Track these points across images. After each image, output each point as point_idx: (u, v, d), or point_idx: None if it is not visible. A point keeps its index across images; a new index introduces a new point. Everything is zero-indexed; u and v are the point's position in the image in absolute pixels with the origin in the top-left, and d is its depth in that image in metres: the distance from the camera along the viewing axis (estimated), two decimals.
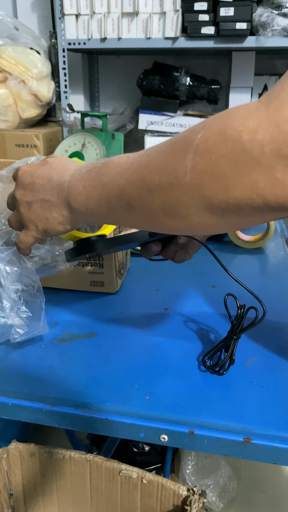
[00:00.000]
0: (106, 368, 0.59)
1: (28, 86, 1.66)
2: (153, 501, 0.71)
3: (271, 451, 0.48)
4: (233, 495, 1.23)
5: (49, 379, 0.57)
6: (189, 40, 1.65)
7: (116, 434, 0.52)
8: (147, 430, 0.51)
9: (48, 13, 2.06)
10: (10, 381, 0.57)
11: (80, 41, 1.73)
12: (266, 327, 0.68)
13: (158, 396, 0.54)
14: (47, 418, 0.53)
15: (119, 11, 1.65)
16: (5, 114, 1.68)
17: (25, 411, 0.54)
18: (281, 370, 0.59)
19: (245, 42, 1.63)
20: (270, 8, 1.57)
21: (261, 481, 1.32)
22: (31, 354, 0.62)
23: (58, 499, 0.80)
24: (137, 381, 0.57)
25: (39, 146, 1.68)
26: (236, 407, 0.52)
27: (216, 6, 1.56)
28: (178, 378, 0.57)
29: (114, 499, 0.74)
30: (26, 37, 1.75)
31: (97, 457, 0.73)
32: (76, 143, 1.68)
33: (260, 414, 0.51)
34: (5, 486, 0.78)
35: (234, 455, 0.49)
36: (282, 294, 0.80)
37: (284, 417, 0.51)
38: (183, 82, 1.83)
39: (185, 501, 0.68)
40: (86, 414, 0.52)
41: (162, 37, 1.66)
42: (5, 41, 1.69)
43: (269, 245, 1.01)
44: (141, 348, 0.63)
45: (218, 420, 0.51)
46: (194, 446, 0.50)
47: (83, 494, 0.77)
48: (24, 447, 0.75)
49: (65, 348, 0.64)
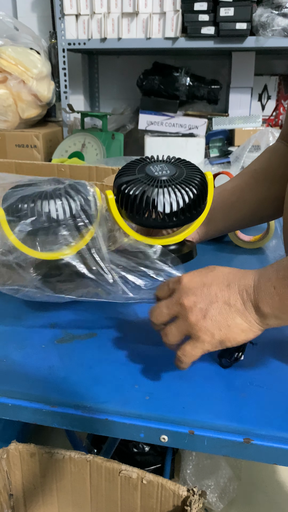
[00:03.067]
0: (106, 368, 0.59)
1: (28, 86, 1.66)
2: (153, 501, 0.71)
3: (271, 451, 0.48)
4: (233, 495, 1.23)
5: (49, 380, 0.57)
6: (189, 40, 1.65)
7: (116, 434, 0.52)
8: (147, 430, 0.51)
9: (48, 13, 2.06)
10: (10, 381, 0.57)
11: (80, 41, 1.73)
12: None
13: (158, 396, 0.54)
14: (47, 419, 0.53)
15: (119, 11, 1.66)
16: (5, 114, 1.68)
17: (25, 411, 0.54)
18: (281, 370, 0.59)
19: (245, 42, 1.63)
20: (270, 8, 1.57)
21: (262, 481, 1.32)
22: (31, 355, 0.62)
23: (58, 499, 0.79)
24: (137, 381, 0.57)
25: (39, 146, 1.68)
26: (236, 408, 0.52)
27: (216, 6, 1.57)
28: (178, 378, 0.57)
29: (114, 499, 0.74)
30: (26, 37, 1.75)
31: (97, 457, 0.73)
32: (76, 143, 1.68)
33: (260, 415, 0.51)
34: (5, 486, 0.78)
35: (234, 455, 0.49)
36: None
37: (284, 418, 0.51)
38: (183, 82, 1.83)
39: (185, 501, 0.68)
40: (86, 415, 0.52)
41: (162, 37, 1.67)
42: (5, 41, 1.69)
43: (269, 245, 1.01)
44: (141, 348, 0.63)
45: (218, 420, 0.50)
46: (194, 446, 0.50)
47: (83, 495, 0.77)
48: (24, 448, 0.75)
49: (65, 348, 0.64)
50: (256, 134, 1.60)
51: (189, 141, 1.77)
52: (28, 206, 0.58)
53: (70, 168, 0.88)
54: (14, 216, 0.58)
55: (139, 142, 1.91)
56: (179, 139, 1.77)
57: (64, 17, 1.71)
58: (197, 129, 1.79)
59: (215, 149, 1.87)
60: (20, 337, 0.66)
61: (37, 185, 0.63)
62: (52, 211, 0.57)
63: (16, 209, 0.58)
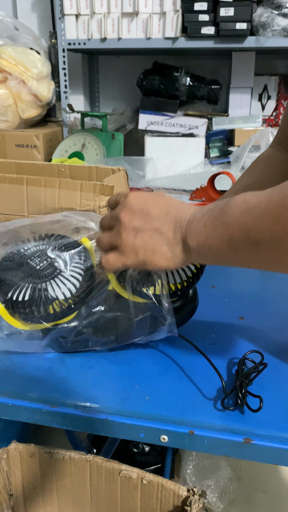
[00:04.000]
0: (106, 368, 0.59)
1: (28, 86, 1.66)
2: (153, 501, 0.71)
3: (271, 451, 0.48)
4: (233, 495, 1.23)
5: (49, 380, 0.57)
6: (189, 40, 1.65)
7: (116, 434, 0.52)
8: (147, 430, 0.51)
9: (48, 13, 2.06)
10: (10, 381, 0.57)
11: (80, 41, 1.73)
12: (266, 328, 0.68)
13: (158, 396, 0.54)
14: (47, 419, 0.53)
15: (119, 11, 1.65)
16: (5, 114, 1.68)
17: (25, 411, 0.54)
18: (281, 370, 0.59)
19: (245, 42, 1.63)
20: (270, 8, 1.57)
21: (262, 481, 1.31)
22: (31, 355, 0.62)
23: (58, 499, 0.79)
24: (137, 381, 0.57)
25: (39, 146, 1.68)
26: (236, 407, 0.52)
27: (216, 6, 1.56)
28: (178, 378, 0.57)
29: (114, 499, 0.74)
30: (26, 37, 1.75)
31: (97, 457, 0.73)
32: (76, 143, 1.68)
33: (260, 415, 0.51)
34: (5, 486, 0.78)
35: (234, 455, 0.49)
36: (282, 294, 0.80)
37: (284, 418, 0.51)
38: (183, 82, 1.83)
39: (185, 501, 0.68)
40: (86, 415, 0.52)
41: (162, 37, 1.66)
42: (5, 41, 1.69)
43: None
44: (141, 348, 0.63)
45: (218, 420, 0.50)
46: (194, 446, 0.50)
47: (83, 495, 0.77)
48: (24, 448, 0.75)
49: None
50: (256, 134, 1.60)
51: (189, 141, 1.77)
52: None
53: (70, 168, 0.87)
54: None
55: (139, 142, 1.91)
56: (179, 139, 1.77)
57: (64, 17, 1.71)
58: (197, 129, 1.78)
59: (215, 149, 1.87)
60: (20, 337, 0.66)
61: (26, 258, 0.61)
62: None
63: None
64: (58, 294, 0.57)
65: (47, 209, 0.74)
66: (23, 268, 0.59)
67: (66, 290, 0.57)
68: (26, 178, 0.75)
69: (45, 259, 0.59)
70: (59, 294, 0.57)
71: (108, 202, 0.58)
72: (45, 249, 0.60)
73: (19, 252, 0.61)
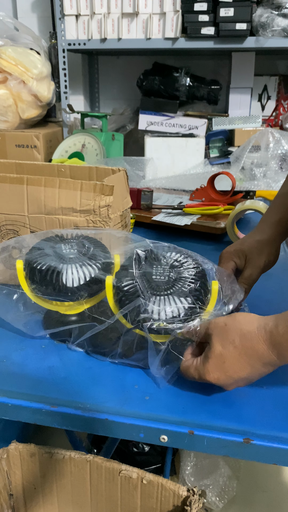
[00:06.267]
0: (106, 368, 0.59)
1: (28, 87, 1.66)
2: (153, 501, 0.71)
3: (271, 451, 0.48)
4: (232, 495, 1.23)
5: (49, 380, 0.57)
6: (189, 41, 1.65)
7: (116, 434, 0.52)
8: (147, 430, 0.51)
9: (48, 13, 2.06)
10: (10, 381, 0.57)
11: (80, 42, 1.73)
12: None
13: (158, 396, 0.54)
14: (47, 419, 0.53)
15: (119, 11, 1.66)
16: (5, 114, 1.68)
17: (25, 411, 0.54)
18: (281, 370, 0.59)
19: (245, 42, 1.63)
20: (270, 8, 1.57)
21: (261, 481, 1.32)
22: (31, 355, 0.62)
23: (58, 499, 0.79)
24: (137, 382, 0.57)
25: (39, 147, 1.68)
26: (236, 408, 0.52)
27: (216, 7, 1.57)
28: (178, 378, 0.57)
29: (114, 499, 0.74)
30: (26, 38, 1.75)
31: (97, 457, 0.73)
32: (76, 143, 1.68)
33: (260, 415, 0.51)
34: (5, 486, 0.78)
35: (234, 455, 0.49)
36: (282, 294, 0.80)
37: (283, 418, 0.51)
38: (183, 82, 1.83)
39: (185, 501, 0.68)
40: (86, 415, 0.52)
41: (162, 37, 1.67)
42: (5, 42, 1.69)
43: None
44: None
45: (218, 420, 0.51)
46: (194, 446, 0.50)
47: (83, 495, 0.77)
48: (24, 448, 0.75)
49: (65, 348, 0.64)
50: (256, 134, 1.60)
51: (189, 141, 1.77)
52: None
53: (70, 169, 0.87)
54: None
55: (139, 143, 1.91)
56: (179, 139, 1.77)
57: (64, 17, 1.71)
58: (197, 129, 1.78)
59: (215, 149, 1.87)
60: (20, 338, 0.66)
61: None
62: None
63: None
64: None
65: (47, 208, 0.74)
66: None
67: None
68: (26, 177, 0.75)
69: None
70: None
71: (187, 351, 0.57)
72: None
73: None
